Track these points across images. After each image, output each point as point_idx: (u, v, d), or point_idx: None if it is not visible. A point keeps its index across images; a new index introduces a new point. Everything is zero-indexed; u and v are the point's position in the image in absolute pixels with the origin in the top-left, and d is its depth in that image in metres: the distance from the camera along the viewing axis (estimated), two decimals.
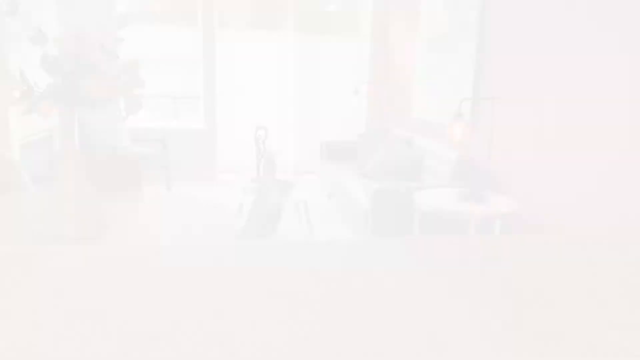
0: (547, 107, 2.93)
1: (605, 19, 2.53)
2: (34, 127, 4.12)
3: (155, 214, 1.97)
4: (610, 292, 1.40)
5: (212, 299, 1.23)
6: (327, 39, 5.97)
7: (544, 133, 2.96)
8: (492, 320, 1.20)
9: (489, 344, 1.09)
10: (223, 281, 1.33)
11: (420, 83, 4.80)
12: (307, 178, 6.17)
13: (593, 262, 1.61)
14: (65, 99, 1.54)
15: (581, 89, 2.68)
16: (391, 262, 1.54)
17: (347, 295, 1.29)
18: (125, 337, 1.05)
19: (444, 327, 1.16)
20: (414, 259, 1.57)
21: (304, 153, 6.22)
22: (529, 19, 3.12)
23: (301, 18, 6.00)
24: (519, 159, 3.21)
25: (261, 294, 1.26)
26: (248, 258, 1.51)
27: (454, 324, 1.17)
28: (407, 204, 3.34)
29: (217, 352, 1.01)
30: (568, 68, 2.77)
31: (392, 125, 5.19)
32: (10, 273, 1.31)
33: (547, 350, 1.09)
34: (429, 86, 4.59)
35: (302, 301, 1.24)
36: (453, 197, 3.05)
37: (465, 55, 3.86)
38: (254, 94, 5.99)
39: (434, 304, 1.27)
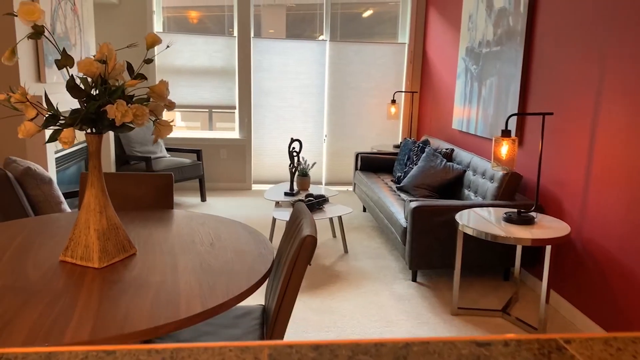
0: (601, 122, 2.72)
1: None
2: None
3: (183, 231, 1.88)
4: None
5: None
6: (363, 48, 5.84)
7: (597, 150, 2.75)
8: None
9: None
10: None
11: (460, 93, 4.60)
12: (342, 189, 6.05)
13: None
14: (90, 124, 1.47)
15: (638, 102, 2.46)
16: None
17: None
18: None
19: None
20: None
21: (338, 164, 6.10)
22: (579, 27, 2.91)
23: (337, 26, 5.89)
24: (570, 177, 2.99)
25: None
26: None
27: None
28: (448, 224, 3.17)
29: None
30: (623, 81, 2.55)
31: (431, 137, 5.01)
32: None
33: None
34: (469, 97, 4.39)
35: None
36: (498, 219, 2.86)
37: (510, 67, 3.66)
38: (289, 104, 5.91)
39: None
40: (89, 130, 1.54)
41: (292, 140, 4.10)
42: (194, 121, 7.06)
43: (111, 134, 4.89)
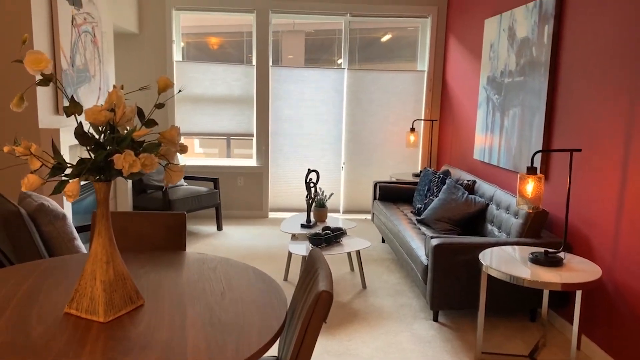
0: (632, 159, 2.58)
1: None
2: None
3: (194, 277, 1.80)
4: None
5: None
6: (382, 75, 5.79)
7: (630, 188, 2.61)
8: None
9: None
10: None
11: (482, 123, 4.50)
12: (361, 217, 5.94)
13: None
14: (97, 173, 1.41)
15: None
16: None
17: None
18: None
19: None
20: None
21: (357, 192, 6.00)
22: (608, 59, 2.80)
23: (355, 50, 5.86)
24: (600, 216, 2.85)
25: None
26: None
27: None
28: (471, 262, 3.04)
29: None
30: None
31: (451, 166, 4.89)
32: None
33: None
34: (491, 127, 4.29)
35: None
36: (524, 259, 2.73)
37: (534, 99, 3.56)
38: (307, 131, 5.86)
39: None
40: (97, 178, 1.48)
41: (309, 171, 4.03)
42: (212, 148, 7.06)
43: None
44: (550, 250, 2.73)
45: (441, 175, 4.40)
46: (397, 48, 5.92)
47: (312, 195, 4.06)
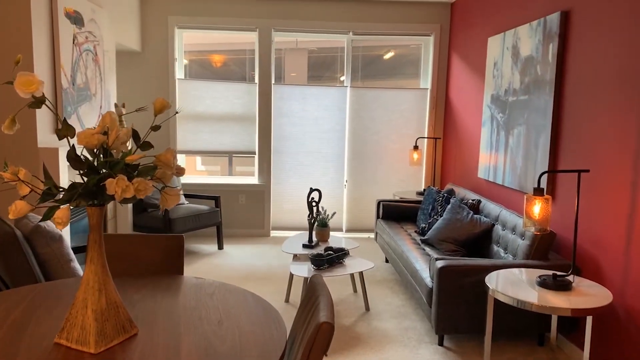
0: None
1: None
2: None
3: (190, 304, 1.74)
4: None
5: None
6: (385, 93, 5.76)
7: (639, 208, 2.54)
8: None
9: None
10: None
11: (486, 142, 4.45)
12: (364, 236, 5.87)
13: None
14: (90, 198, 1.35)
15: None
16: None
17: None
18: None
19: None
20: None
21: (359, 210, 5.93)
22: (615, 78, 2.76)
23: (358, 68, 5.84)
24: (609, 238, 2.78)
25: None
26: None
27: None
28: (477, 285, 2.96)
29: None
30: None
31: (455, 185, 4.83)
32: None
33: None
34: (495, 146, 4.23)
35: None
36: (532, 282, 2.65)
37: (539, 117, 3.51)
38: (309, 149, 5.82)
39: None
40: (89, 203, 1.43)
41: (311, 190, 3.97)
42: (214, 165, 7.03)
43: None
44: (558, 273, 2.66)
45: (445, 195, 4.33)
46: (399, 65, 5.90)
47: (314, 215, 4.00)
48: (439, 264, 2.98)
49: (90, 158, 1.43)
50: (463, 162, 5.12)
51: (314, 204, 4.02)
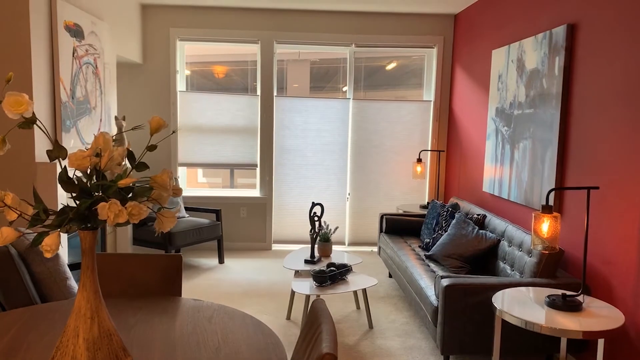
0: None
1: None
2: None
3: (188, 328, 1.67)
4: None
5: None
6: (387, 105, 5.71)
7: None
8: None
9: None
10: None
11: (491, 155, 4.38)
12: (366, 250, 5.79)
13: None
14: (82, 221, 1.29)
15: None
16: None
17: None
18: None
19: None
20: None
21: (362, 223, 5.86)
22: (625, 92, 2.70)
23: (361, 78, 5.80)
24: (620, 256, 2.70)
25: None
26: None
27: None
28: (484, 304, 2.88)
29: None
30: None
31: (460, 199, 4.76)
32: None
33: None
34: (500, 160, 4.17)
35: None
36: (540, 302, 2.57)
37: (545, 132, 3.45)
38: (312, 162, 5.76)
39: None
40: (82, 227, 1.37)
41: (314, 205, 3.91)
42: (215, 177, 6.97)
43: None
44: (568, 293, 2.58)
45: (450, 209, 4.26)
46: (402, 76, 5.86)
47: (317, 230, 3.93)
48: (445, 282, 2.90)
49: (85, 179, 1.37)
50: (467, 175, 5.06)
51: (316, 218, 3.95)
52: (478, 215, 3.99)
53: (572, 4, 3.21)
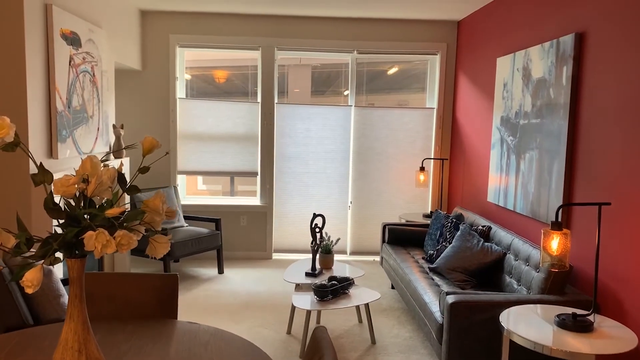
0: None
1: None
2: None
3: (182, 355, 1.59)
4: None
5: None
6: (390, 113, 5.63)
7: None
8: None
9: None
10: None
11: (496, 165, 4.30)
12: (369, 259, 5.70)
13: None
14: (69, 249, 1.21)
15: None
16: None
17: None
18: None
19: None
20: None
21: (364, 232, 5.77)
22: (637, 101, 2.61)
23: (363, 82, 5.73)
24: (633, 273, 2.61)
25: None
26: None
27: None
28: (491, 321, 2.79)
29: None
30: None
31: (464, 209, 4.67)
32: None
33: None
34: (506, 170, 4.08)
35: None
36: (550, 321, 2.48)
37: (553, 142, 3.37)
38: (313, 170, 5.68)
39: None
40: (69, 255, 1.28)
41: (315, 216, 3.82)
42: (215, 184, 6.89)
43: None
44: (578, 312, 2.49)
45: (454, 220, 4.18)
46: (405, 80, 5.79)
47: (318, 242, 3.85)
48: (450, 299, 2.81)
49: (73, 202, 1.29)
50: (471, 185, 4.97)
51: (317, 230, 3.87)
52: (483, 226, 3.91)
53: (580, 12, 3.13)
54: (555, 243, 2.41)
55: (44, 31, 3.21)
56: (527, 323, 2.46)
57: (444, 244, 4.08)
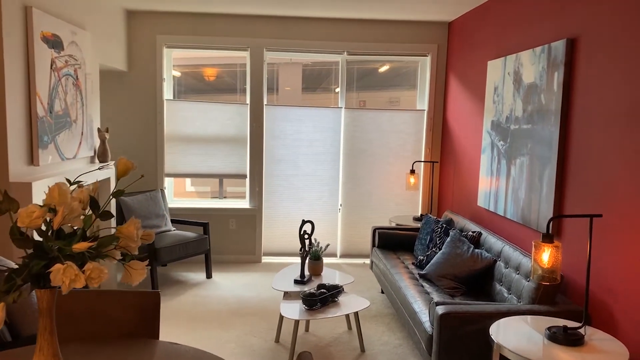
0: None
1: None
2: None
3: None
4: None
5: None
6: (380, 115, 5.58)
7: None
8: None
9: None
10: None
11: (486, 169, 4.26)
12: (359, 262, 5.65)
13: None
14: (37, 281, 1.14)
15: None
16: None
17: None
18: None
19: None
20: None
21: (354, 235, 5.73)
22: (630, 112, 2.58)
23: (353, 80, 5.67)
24: (623, 286, 2.58)
25: None
26: None
27: None
28: (482, 332, 2.75)
29: None
30: None
31: (454, 213, 4.64)
32: None
33: None
34: (496, 174, 4.05)
35: None
36: (540, 334, 2.45)
37: (544, 149, 3.33)
38: (303, 172, 5.62)
39: None
40: (38, 286, 1.22)
41: (304, 222, 3.76)
42: (203, 186, 6.81)
43: (112, 187, 4.63)
44: (569, 325, 2.46)
45: (444, 225, 4.14)
46: (395, 77, 5.74)
47: (307, 249, 3.79)
48: (440, 310, 2.77)
49: (41, 232, 1.22)
50: (461, 188, 4.93)
51: (306, 236, 3.81)
52: (473, 232, 3.87)
53: (571, 18, 3.09)
54: (546, 256, 2.37)
55: (24, 34, 3.12)
56: (517, 336, 2.43)
57: (433, 249, 4.04)
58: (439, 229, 4.14)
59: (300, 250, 3.78)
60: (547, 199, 3.26)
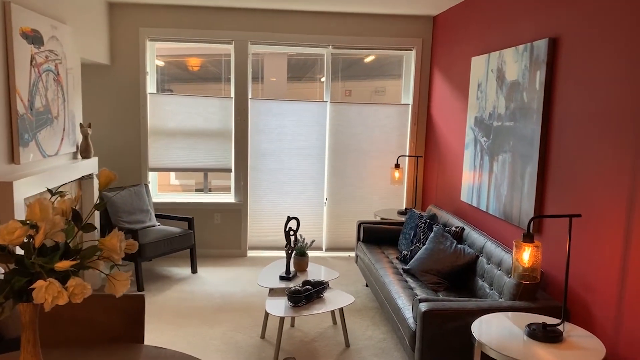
0: (636, 221, 2.39)
1: None
2: None
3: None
4: None
5: None
6: (366, 109, 5.59)
7: (633, 252, 2.41)
8: None
9: None
10: None
11: (469, 165, 4.31)
12: (344, 255, 5.69)
13: None
14: (19, 296, 1.14)
15: None
16: None
17: None
18: None
19: None
20: None
21: (339, 228, 5.76)
22: (609, 113, 2.62)
23: (338, 69, 5.67)
24: (601, 283, 2.65)
25: None
26: None
27: None
28: (464, 329, 2.80)
29: None
30: None
31: (437, 207, 4.69)
32: None
33: None
34: (479, 170, 4.09)
35: None
36: (520, 331, 2.50)
37: (525, 146, 3.38)
38: (288, 166, 5.62)
39: None
40: (20, 300, 1.21)
41: (289, 219, 3.78)
42: (188, 179, 6.78)
43: (95, 193, 4.58)
44: (548, 323, 2.52)
45: (427, 220, 4.18)
46: (381, 67, 5.76)
47: (292, 245, 3.81)
48: (423, 307, 2.81)
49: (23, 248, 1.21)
50: (445, 183, 4.98)
51: (291, 233, 3.82)
52: (456, 227, 3.92)
53: (553, 18, 3.12)
54: (526, 255, 2.42)
55: (3, 31, 3.05)
56: (498, 333, 2.48)
57: (417, 244, 4.09)
58: (423, 224, 4.18)
59: (286, 246, 3.79)
60: (529, 196, 3.31)
